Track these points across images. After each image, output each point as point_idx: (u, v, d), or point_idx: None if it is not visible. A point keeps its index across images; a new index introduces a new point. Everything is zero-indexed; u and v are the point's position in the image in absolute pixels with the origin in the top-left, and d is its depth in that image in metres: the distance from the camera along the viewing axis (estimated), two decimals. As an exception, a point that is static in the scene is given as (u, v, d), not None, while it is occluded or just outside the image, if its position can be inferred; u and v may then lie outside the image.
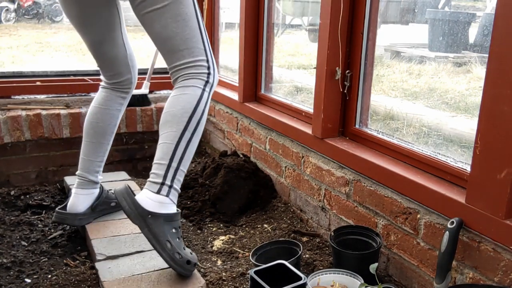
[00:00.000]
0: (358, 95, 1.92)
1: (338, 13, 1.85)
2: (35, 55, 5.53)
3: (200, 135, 1.68)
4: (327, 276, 1.55)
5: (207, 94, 1.69)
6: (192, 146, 1.65)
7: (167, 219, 1.58)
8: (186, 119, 1.61)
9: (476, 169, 1.34)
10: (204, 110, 1.67)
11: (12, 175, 2.64)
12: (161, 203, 1.58)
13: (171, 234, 1.58)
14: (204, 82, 1.68)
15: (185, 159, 1.63)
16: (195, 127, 1.64)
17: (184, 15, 1.62)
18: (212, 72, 1.71)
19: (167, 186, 1.59)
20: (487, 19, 2.02)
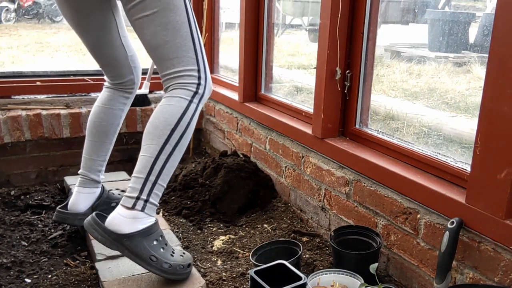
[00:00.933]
0: (358, 95, 1.92)
1: (338, 13, 1.85)
2: (35, 55, 5.53)
3: (184, 148, 1.63)
4: (327, 276, 1.55)
5: (194, 105, 1.63)
6: (173, 160, 1.60)
7: (145, 235, 1.55)
8: (168, 132, 1.57)
9: (476, 169, 1.34)
10: (190, 122, 1.61)
11: (12, 175, 2.64)
12: (134, 219, 1.55)
13: (154, 247, 1.56)
14: (192, 93, 1.62)
15: (165, 173, 1.59)
16: (178, 140, 1.59)
17: (174, 23, 1.57)
18: (203, 82, 1.65)
19: (143, 200, 1.55)
20: (487, 19, 2.02)
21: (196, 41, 1.63)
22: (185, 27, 1.59)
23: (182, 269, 1.60)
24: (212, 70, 3.16)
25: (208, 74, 1.68)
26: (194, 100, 1.62)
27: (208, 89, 1.68)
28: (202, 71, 1.65)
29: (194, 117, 1.63)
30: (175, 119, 1.58)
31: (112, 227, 1.53)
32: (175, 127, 1.58)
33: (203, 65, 1.66)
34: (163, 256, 1.57)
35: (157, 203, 1.60)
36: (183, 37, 1.59)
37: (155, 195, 1.58)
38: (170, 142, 1.57)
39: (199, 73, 1.64)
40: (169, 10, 1.56)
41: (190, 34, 1.61)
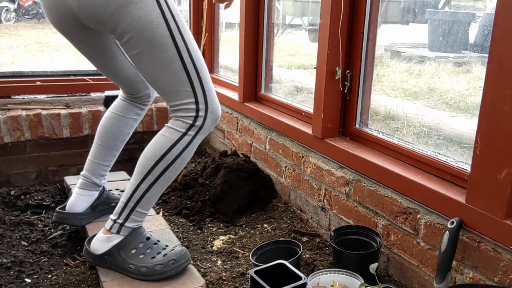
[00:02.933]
0: (358, 95, 1.92)
1: (338, 13, 1.85)
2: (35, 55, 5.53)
3: (171, 178, 1.63)
4: (327, 276, 1.55)
5: (189, 137, 1.59)
6: (155, 190, 1.62)
7: (120, 247, 1.65)
8: (152, 163, 1.58)
9: (476, 169, 1.35)
10: (180, 154, 1.59)
11: (12, 175, 2.64)
12: (108, 241, 1.66)
13: (132, 256, 1.65)
14: (188, 126, 1.58)
15: (144, 202, 1.62)
16: (162, 172, 1.59)
17: (162, 60, 1.51)
18: (203, 114, 1.58)
19: (118, 224, 1.64)
20: (487, 19, 2.02)
21: (191, 73, 1.55)
22: (175, 62, 1.52)
23: (162, 268, 1.63)
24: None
25: (211, 104, 1.60)
26: (189, 133, 1.59)
27: (210, 119, 1.61)
28: (201, 103, 1.58)
29: (187, 149, 1.60)
30: (162, 151, 1.58)
31: (94, 251, 1.68)
32: (160, 159, 1.58)
33: (203, 96, 1.58)
34: (141, 262, 1.64)
35: (133, 226, 1.66)
36: (174, 72, 1.53)
37: (132, 220, 1.65)
38: (153, 173, 1.59)
39: (197, 105, 1.57)
40: (154, 49, 1.51)
41: (182, 67, 1.53)
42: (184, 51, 1.53)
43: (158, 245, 1.70)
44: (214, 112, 1.61)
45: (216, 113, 1.62)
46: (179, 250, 1.68)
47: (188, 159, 1.64)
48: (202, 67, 1.58)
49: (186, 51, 1.53)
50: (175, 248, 1.69)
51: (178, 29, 1.51)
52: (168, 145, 1.58)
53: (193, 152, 1.63)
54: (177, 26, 1.51)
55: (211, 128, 1.64)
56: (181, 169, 1.65)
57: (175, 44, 1.51)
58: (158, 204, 2.27)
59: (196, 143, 1.62)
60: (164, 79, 1.55)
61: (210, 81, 1.61)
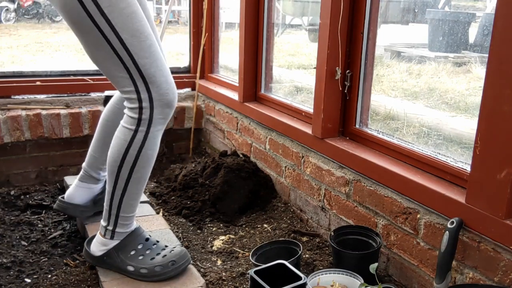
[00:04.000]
0: (358, 95, 1.92)
1: (338, 13, 1.85)
2: (35, 55, 5.53)
3: (143, 178, 1.58)
4: (327, 276, 1.55)
5: (142, 134, 1.51)
6: (131, 193, 1.58)
7: (119, 249, 1.65)
8: (116, 169, 1.55)
9: (476, 169, 1.34)
10: (140, 153, 1.52)
11: (12, 175, 2.64)
12: (105, 242, 1.66)
13: (131, 257, 1.64)
14: (135, 121, 1.50)
15: (125, 206, 1.61)
16: (129, 174, 1.55)
17: (91, 43, 1.44)
18: (147, 104, 1.48)
19: (110, 230, 1.65)
20: (487, 19, 2.02)
21: (125, 59, 1.44)
22: (103, 46, 1.42)
23: (161, 269, 1.62)
24: (212, 70, 3.16)
25: (156, 92, 1.48)
26: (140, 129, 1.51)
27: (160, 107, 1.50)
28: (143, 91, 1.47)
29: (145, 146, 1.53)
30: (120, 155, 1.54)
31: (93, 252, 1.68)
32: (121, 163, 1.54)
33: (143, 84, 1.47)
34: (141, 263, 1.63)
35: (125, 230, 1.66)
36: (107, 57, 1.44)
37: (121, 225, 1.65)
38: (121, 177, 1.56)
39: (138, 95, 1.48)
40: (81, 33, 1.43)
41: (113, 52, 1.43)
42: (111, 35, 1.41)
43: (158, 245, 1.70)
44: (162, 99, 1.50)
45: (165, 99, 1.50)
46: (179, 251, 1.68)
47: (154, 154, 1.57)
48: (139, 52, 1.45)
49: (114, 35, 1.41)
50: (175, 248, 1.69)
51: (99, 9, 1.39)
52: (124, 147, 1.53)
53: (156, 145, 1.56)
54: (97, 6, 1.39)
55: (166, 116, 1.53)
56: (149, 165, 1.58)
57: (98, 28, 1.41)
58: (158, 204, 2.27)
59: (155, 137, 1.54)
60: (102, 64, 1.49)
61: (155, 66, 1.48)
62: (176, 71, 3.20)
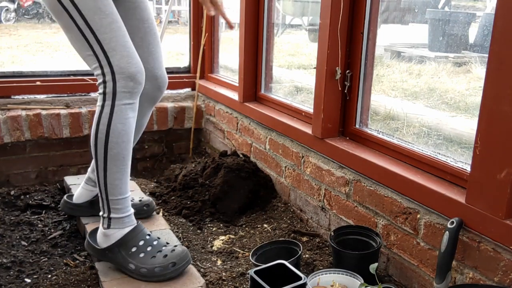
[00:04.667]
0: (358, 95, 1.92)
1: (338, 13, 1.85)
2: (35, 55, 5.53)
3: (121, 156, 1.59)
4: (327, 276, 1.55)
5: (108, 108, 1.55)
6: (112, 173, 1.59)
7: (120, 245, 1.64)
8: (93, 149, 1.59)
9: (476, 169, 1.34)
10: (109, 128, 1.55)
11: (12, 175, 2.64)
12: (105, 236, 1.66)
13: (132, 255, 1.64)
14: (101, 96, 1.56)
15: (111, 188, 1.61)
16: (104, 152, 1.57)
17: (63, 26, 1.55)
18: (110, 77, 1.54)
19: (106, 218, 1.66)
20: (487, 19, 2.02)
21: (88, 37, 1.53)
22: (72, 27, 1.53)
23: (161, 270, 1.62)
24: (212, 70, 3.16)
25: (117, 64, 1.54)
26: (106, 103, 1.56)
27: (123, 80, 1.55)
28: (105, 66, 1.54)
29: (113, 120, 1.55)
30: (93, 134, 1.58)
31: (99, 244, 1.69)
32: (95, 140, 1.58)
33: (105, 58, 1.54)
34: (141, 262, 1.63)
35: (121, 215, 1.65)
36: (76, 38, 1.55)
37: (115, 210, 1.65)
38: (98, 157, 1.59)
39: (102, 70, 1.55)
40: (57, 18, 1.56)
41: (79, 32, 1.53)
42: (76, 15, 1.51)
43: (159, 242, 1.70)
44: (124, 72, 1.54)
45: (127, 71, 1.55)
46: (180, 251, 1.67)
47: (126, 129, 1.58)
48: (100, 28, 1.53)
49: (79, 16, 1.51)
50: (176, 248, 1.69)
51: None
52: (95, 124, 1.58)
53: (126, 120, 1.57)
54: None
55: (131, 90, 1.57)
56: (124, 142, 1.59)
57: (65, 9, 1.51)
58: (158, 204, 2.27)
59: (122, 110, 1.56)
60: (76, 47, 1.58)
61: (114, 41, 1.55)
62: (176, 71, 3.20)
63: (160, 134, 2.99)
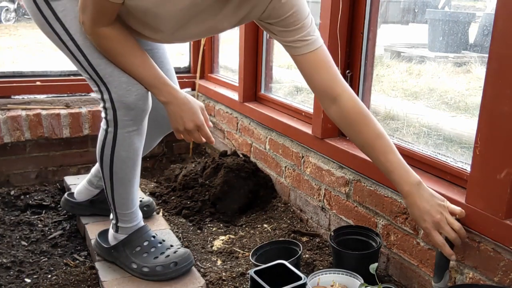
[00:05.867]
0: (358, 95, 1.92)
1: (338, 13, 1.85)
2: (35, 55, 5.52)
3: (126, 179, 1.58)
4: (327, 276, 1.54)
5: (111, 135, 1.49)
6: (119, 193, 1.60)
7: (125, 244, 1.67)
8: (100, 169, 1.59)
9: (476, 169, 1.34)
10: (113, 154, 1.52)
11: (12, 175, 2.64)
12: (114, 234, 1.70)
13: (135, 254, 1.66)
14: (105, 121, 1.50)
15: (118, 203, 1.64)
16: (110, 175, 1.56)
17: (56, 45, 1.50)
18: (110, 105, 1.44)
19: (114, 224, 1.69)
20: (487, 19, 2.02)
21: (81, 60, 1.44)
22: (63, 49, 1.48)
23: (162, 269, 1.63)
24: (212, 70, 3.16)
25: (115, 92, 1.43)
26: (108, 129, 1.50)
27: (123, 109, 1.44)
28: (104, 92, 1.45)
29: (116, 147, 1.51)
30: (98, 154, 1.57)
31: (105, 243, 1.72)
32: (101, 163, 1.57)
33: (103, 84, 1.44)
34: (144, 261, 1.64)
35: (128, 225, 1.68)
36: (71, 60, 1.50)
37: (121, 221, 1.67)
38: (105, 177, 1.59)
39: (101, 95, 1.47)
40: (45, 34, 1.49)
41: (72, 55, 1.46)
42: (66, 38, 1.44)
43: (163, 244, 1.71)
44: (123, 101, 1.44)
45: (126, 101, 1.44)
46: (182, 252, 1.68)
47: (131, 156, 1.53)
48: (93, 53, 1.43)
49: (69, 38, 1.43)
50: (179, 249, 1.70)
51: (54, 14, 1.41)
52: (99, 147, 1.55)
53: (131, 147, 1.52)
54: (52, 12, 1.41)
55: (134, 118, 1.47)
56: (129, 167, 1.56)
57: (55, 32, 1.44)
58: (158, 204, 2.27)
59: (125, 139, 1.49)
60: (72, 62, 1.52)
61: (111, 66, 1.43)
62: (176, 71, 3.16)
63: (160, 134, 2.99)
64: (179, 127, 1.48)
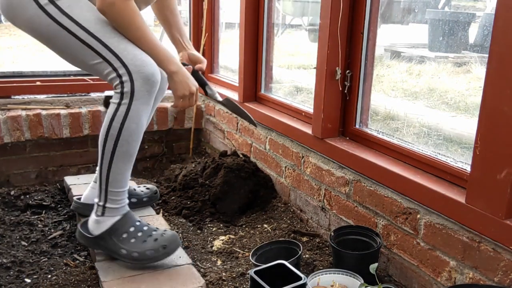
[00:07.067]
0: (358, 95, 1.92)
1: (338, 13, 1.85)
2: (35, 55, 5.52)
3: (128, 153, 1.63)
4: (327, 276, 1.55)
5: (125, 106, 1.57)
6: (117, 168, 1.63)
7: (111, 232, 1.68)
8: (102, 142, 1.61)
9: (476, 169, 1.34)
10: (122, 126, 1.58)
11: (12, 175, 2.64)
12: (97, 223, 1.69)
13: (123, 240, 1.67)
14: (119, 95, 1.57)
15: (113, 180, 1.65)
16: (113, 148, 1.60)
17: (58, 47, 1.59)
18: (127, 78, 1.55)
19: (101, 206, 1.68)
20: (487, 19, 2.02)
21: (94, 45, 1.55)
22: (72, 43, 1.56)
23: (152, 253, 1.66)
24: (212, 70, 3.16)
25: (133, 64, 1.55)
26: (122, 102, 1.58)
27: (141, 79, 1.56)
28: (120, 67, 1.55)
29: (127, 119, 1.58)
30: (105, 128, 1.61)
31: (91, 231, 1.71)
32: (106, 136, 1.60)
33: (118, 60, 1.55)
34: (133, 247, 1.66)
35: (116, 206, 1.68)
36: (79, 52, 1.57)
37: (111, 200, 1.67)
38: (106, 151, 1.62)
39: (116, 72, 1.56)
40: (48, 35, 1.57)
41: (82, 43, 1.55)
42: (76, 29, 1.54)
43: (149, 228, 1.74)
44: (140, 71, 1.55)
45: (144, 71, 1.55)
46: (170, 234, 1.72)
47: (138, 129, 1.61)
48: (105, 34, 1.55)
49: (80, 28, 1.54)
50: (166, 232, 1.73)
51: (60, 11, 1.54)
52: (108, 120, 1.60)
53: (139, 120, 1.60)
54: (59, 9, 1.54)
55: (149, 89, 1.58)
56: (135, 141, 1.63)
57: (63, 27, 1.54)
58: (158, 204, 2.27)
59: (138, 110, 1.58)
60: (80, 61, 1.61)
61: (123, 43, 1.56)
62: (176, 71, 3.19)
63: (160, 134, 2.99)
64: (185, 92, 1.64)
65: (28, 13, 1.55)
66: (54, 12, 1.53)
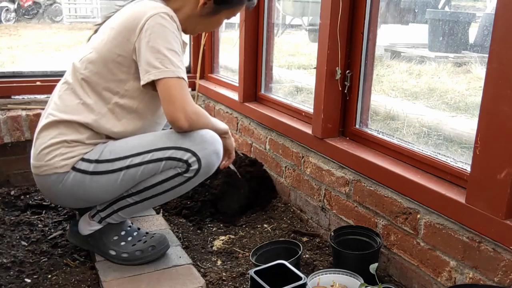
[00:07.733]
0: (358, 95, 1.92)
1: (338, 13, 1.85)
2: (35, 55, 5.52)
3: (159, 202, 1.73)
4: (327, 276, 1.55)
5: (183, 178, 1.66)
6: (141, 207, 1.70)
7: (102, 232, 1.74)
8: (142, 188, 1.66)
9: (476, 169, 1.34)
10: (173, 188, 1.67)
11: (12, 175, 2.63)
12: (90, 225, 1.75)
13: (113, 242, 1.73)
14: (185, 165, 1.63)
15: (127, 211, 1.70)
16: (151, 197, 1.67)
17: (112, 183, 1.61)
18: (197, 165, 1.61)
19: (100, 216, 1.73)
20: (487, 19, 2.02)
21: (149, 159, 1.58)
22: (119, 176, 1.59)
23: (141, 253, 1.71)
24: (212, 70, 3.16)
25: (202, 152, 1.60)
26: (185, 174, 1.64)
27: (205, 167, 1.63)
28: (189, 157, 1.59)
29: (182, 186, 1.66)
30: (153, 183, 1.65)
31: (80, 230, 1.78)
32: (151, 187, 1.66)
33: (186, 151, 1.59)
34: (122, 248, 1.72)
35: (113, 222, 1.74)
36: (144, 175, 1.61)
37: (112, 219, 1.73)
38: (142, 195, 1.67)
39: (184, 162, 1.59)
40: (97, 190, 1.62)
41: (127, 171, 1.59)
42: (124, 164, 1.58)
43: (139, 233, 1.79)
44: (208, 161, 1.61)
45: (210, 161, 1.61)
46: (158, 236, 1.77)
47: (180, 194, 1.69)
48: (157, 142, 1.59)
49: (127, 160, 1.58)
50: (155, 235, 1.78)
51: (107, 161, 1.58)
52: (163, 179, 1.62)
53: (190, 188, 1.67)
54: (106, 161, 1.59)
55: (209, 171, 1.64)
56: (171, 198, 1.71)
57: (112, 171, 1.59)
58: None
59: (192, 183, 1.64)
60: None
61: (180, 139, 1.58)
62: (176, 71, 3.19)
63: (160, 134, 2.99)
64: (232, 153, 1.82)
65: (85, 186, 1.59)
66: (104, 167, 1.58)
